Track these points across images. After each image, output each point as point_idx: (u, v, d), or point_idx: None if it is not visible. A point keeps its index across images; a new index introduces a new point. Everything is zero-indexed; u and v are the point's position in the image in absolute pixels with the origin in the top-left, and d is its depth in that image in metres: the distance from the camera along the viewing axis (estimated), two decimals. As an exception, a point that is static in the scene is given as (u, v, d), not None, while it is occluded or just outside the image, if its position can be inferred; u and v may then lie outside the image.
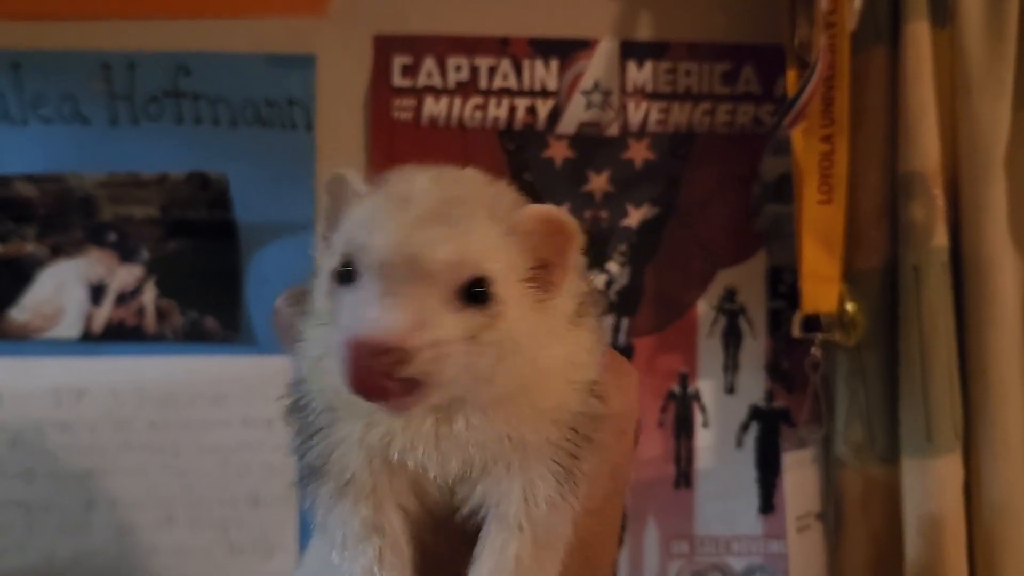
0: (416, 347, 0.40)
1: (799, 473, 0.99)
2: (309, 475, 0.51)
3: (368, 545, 0.48)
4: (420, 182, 0.46)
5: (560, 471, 0.49)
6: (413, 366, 0.40)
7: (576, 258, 0.49)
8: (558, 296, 0.48)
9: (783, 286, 1.12)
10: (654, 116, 1.11)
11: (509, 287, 0.45)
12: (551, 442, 0.48)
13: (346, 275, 0.44)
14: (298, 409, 0.51)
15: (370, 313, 0.41)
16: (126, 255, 1.07)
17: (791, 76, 1.00)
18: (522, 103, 1.10)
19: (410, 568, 0.49)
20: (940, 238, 0.96)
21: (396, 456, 0.48)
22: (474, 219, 0.45)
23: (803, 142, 1.00)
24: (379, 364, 0.40)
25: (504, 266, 0.45)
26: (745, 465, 1.12)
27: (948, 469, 0.94)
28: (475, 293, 0.43)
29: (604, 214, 1.11)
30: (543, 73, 1.10)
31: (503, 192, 0.49)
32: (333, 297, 0.45)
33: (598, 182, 1.11)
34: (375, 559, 0.48)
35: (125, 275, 1.07)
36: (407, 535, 0.50)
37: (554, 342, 0.48)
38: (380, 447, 0.48)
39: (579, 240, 0.48)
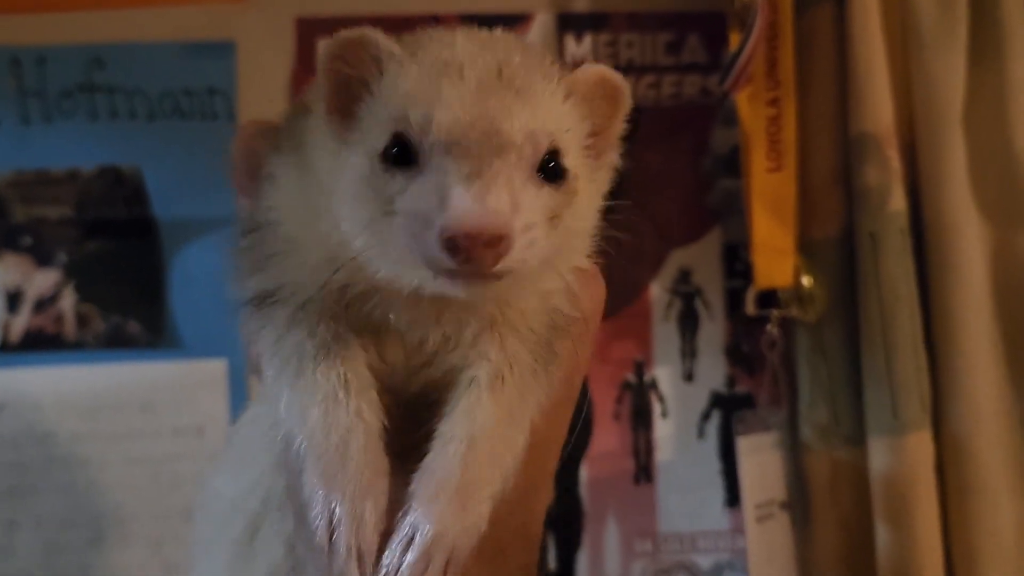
0: (517, 233, 0.37)
1: (756, 458, 0.93)
2: (256, 303, 0.47)
3: (330, 370, 0.43)
4: (464, 46, 0.42)
5: (539, 351, 0.46)
6: (512, 255, 0.37)
7: (622, 124, 0.48)
8: (603, 168, 0.47)
9: (740, 264, 1.06)
10: (596, 91, 1.05)
11: (576, 159, 0.43)
12: (531, 328, 0.46)
13: (401, 156, 0.39)
14: (256, 231, 0.48)
15: (463, 199, 0.36)
16: (42, 259, 1.01)
17: (734, 39, 0.95)
18: (456, 83, 1.04)
19: (375, 393, 0.44)
20: (897, 202, 0.91)
21: (393, 321, 0.45)
22: (535, 83, 0.42)
23: (749, 108, 0.95)
24: (487, 255, 0.36)
25: (571, 135, 0.43)
26: (708, 456, 1.06)
27: (917, 447, 0.88)
28: (551, 168, 0.41)
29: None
30: (477, 51, 1.04)
31: (543, 52, 0.47)
32: (382, 182, 0.40)
33: (540, 163, 1.05)
34: (339, 383, 0.43)
35: (42, 280, 1.01)
36: (366, 364, 0.45)
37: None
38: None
39: (629, 104, 0.47)
